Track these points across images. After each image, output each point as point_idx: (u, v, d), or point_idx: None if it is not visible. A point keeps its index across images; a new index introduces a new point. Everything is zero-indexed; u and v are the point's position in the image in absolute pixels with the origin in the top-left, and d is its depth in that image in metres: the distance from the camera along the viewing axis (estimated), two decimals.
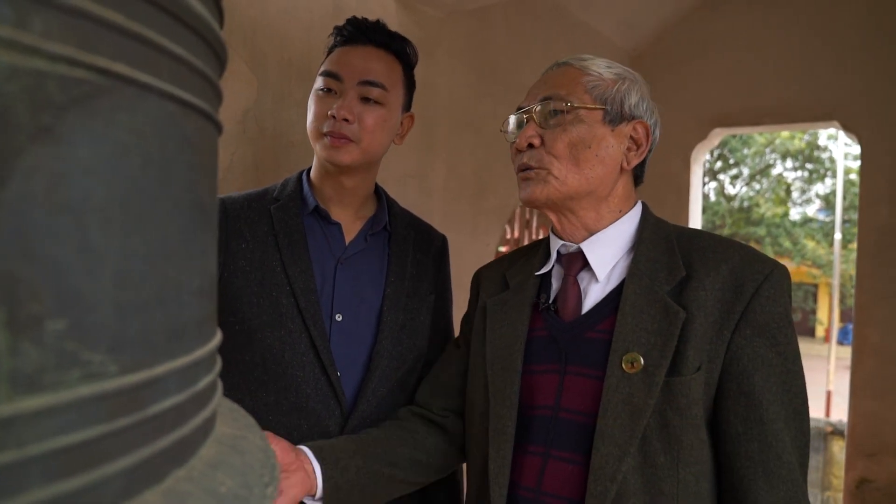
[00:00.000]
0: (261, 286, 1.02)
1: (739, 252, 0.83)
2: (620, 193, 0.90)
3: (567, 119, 0.85)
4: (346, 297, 1.06)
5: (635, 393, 0.77)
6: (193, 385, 0.30)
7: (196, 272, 0.30)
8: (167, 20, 0.27)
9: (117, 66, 0.24)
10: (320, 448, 0.88)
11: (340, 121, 1.01)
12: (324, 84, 1.04)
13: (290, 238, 1.04)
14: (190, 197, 0.29)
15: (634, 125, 0.87)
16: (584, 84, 0.86)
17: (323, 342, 1.02)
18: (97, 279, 0.23)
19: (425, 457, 0.97)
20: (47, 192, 0.21)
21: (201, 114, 0.31)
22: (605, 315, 0.85)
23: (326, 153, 1.03)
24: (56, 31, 0.21)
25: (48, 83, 0.21)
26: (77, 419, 0.22)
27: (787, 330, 0.79)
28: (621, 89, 0.86)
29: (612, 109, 0.85)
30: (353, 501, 0.89)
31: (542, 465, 0.83)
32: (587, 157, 0.85)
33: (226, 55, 0.35)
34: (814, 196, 16.35)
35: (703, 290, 0.80)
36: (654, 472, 0.77)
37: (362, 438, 0.94)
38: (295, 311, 1.01)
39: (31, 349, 0.21)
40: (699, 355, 0.78)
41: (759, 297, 0.78)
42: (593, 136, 0.85)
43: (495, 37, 2.42)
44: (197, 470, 0.29)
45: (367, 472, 0.90)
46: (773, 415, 0.76)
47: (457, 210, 2.36)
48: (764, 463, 0.75)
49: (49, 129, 0.21)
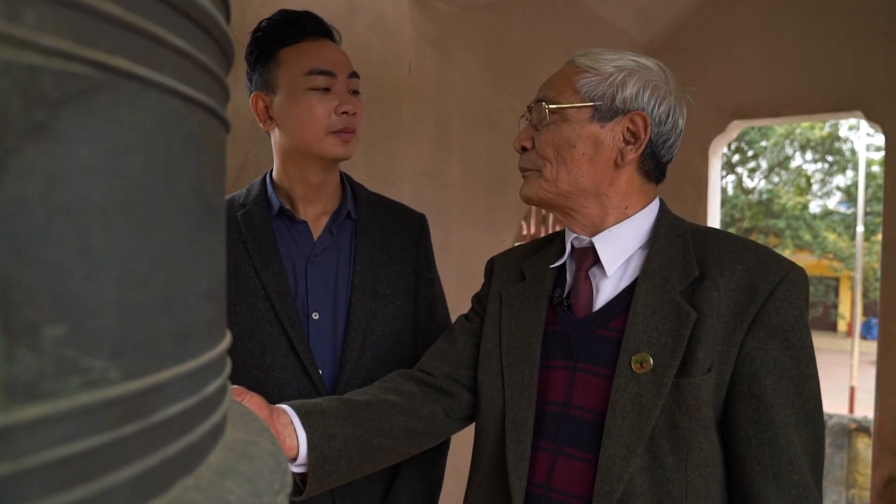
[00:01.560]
0: (236, 294, 1.03)
1: (755, 252, 0.82)
2: (623, 189, 0.88)
3: (553, 120, 0.85)
4: (319, 294, 1.07)
5: (644, 393, 0.77)
6: (202, 390, 0.29)
7: (204, 273, 0.29)
8: (169, 13, 0.26)
9: (117, 61, 0.23)
10: (306, 412, 0.81)
11: (351, 115, 1.03)
12: (323, 83, 1.03)
13: (259, 243, 1.05)
14: (197, 196, 0.28)
15: (631, 117, 0.85)
16: (575, 83, 0.85)
17: (301, 342, 1.03)
18: (98, 283, 0.22)
19: (421, 425, 0.92)
20: (43, 193, 0.20)
21: (207, 110, 0.30)
22: (616, 313, 0.85)
23: (340, 150, 1.04)
24: (50, 24, 0.20)
25: (42, 78, 0.20)
26: (78, 428, 0.21)
27: (801, 333, 0.77)
28: (615, 82, 0.84)
29: (603, 105, 0.84)
30: (336, 474, 0.83)
31: (553, 462, 0.83)
32: (573, 157, 0.85)
33: (232, 50, 0.34)
34: (834, 188, 16.06)
35: (716, 291, 0.79)
36: (662, 473, 0.77)
37: (353, 402, 0.87)
38: (272, 315, 1.02)
39: (28, 356, 0.20)
40: (710, 356, 0.77)
41: (773, 299, 0.77)
42: (578, 135, 0.84)
43: (510, 31, 2.40)
44: (205, 478, 0.28)
45: (356, 442, 0.84)
46: (784, 418, 0.75)
47: (472, 206, 2.34)
48: (774, 467, 0.75)
49: (44, 127, 0.20)
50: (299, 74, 1.03)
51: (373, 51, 1.82)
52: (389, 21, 1.87)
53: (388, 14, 1.86)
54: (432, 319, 1.17)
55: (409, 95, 1.99)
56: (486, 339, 0.96)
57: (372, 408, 0.87)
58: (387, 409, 0.89)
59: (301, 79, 1.03)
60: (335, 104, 1.03)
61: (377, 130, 1.89)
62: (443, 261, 2.29)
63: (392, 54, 1.90)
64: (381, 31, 1.84)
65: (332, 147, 1.04)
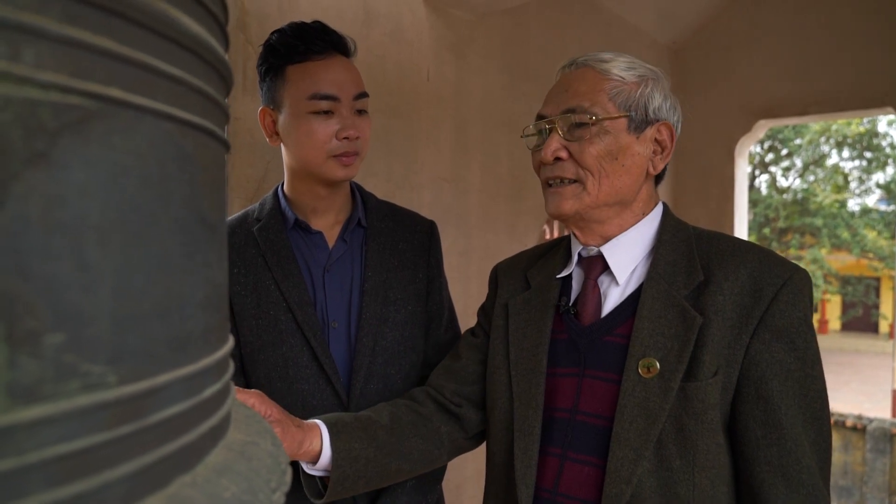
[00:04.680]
0: (258, 307, 1.05)
1: (759, 256, 0.82)
2: (644, 197, 0.90)
3: (593, 132, 0.84)
4: (337, 302, 1.08)
5: (651, 397, 0.78)
6: (199, 393, 0.31)
7: (200, 284, 0.31)
8: (162, 42, 0.28)
9: (111, 91, 0.25)
10: (337, 431, 0.89)
11: (353, 140, 1.03)
12: (325, 107, 1.02)
13: (277, 256, 1.07)
14: (192, 212, 0.30)
15: (658, 127, 0.86)
16: (607, 91, 0.84)
17: (324, 352, 1.04)
18: (95, 294, 0.24)
19: (437, 448, 0.98)
20: (43, 214, 0.22)
21: (203, 131, 0.32)
22: (623, 319, 0.85)
23: (340, 173, 1.05)
24: (48, 61, 0.22)
25: (41, 110, 0.22)
26: (77, 428, 0.23)
27: (806, 335, 0.78)
28: (644, 93, 0.85)
29: (637, 116, 0.84)
30: (354, 489, 0.91)
31: (560, 467, 0.84)
32: (615, 169, 0.84)
33: (230, 73, 0.36)
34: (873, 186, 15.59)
35: (721, 295, 0.80)
36: (670, 475, 0.78)
37: (377, 426, 0.93)
38: (294, 326, 1.04)
39: (30, 362, 0.22)
40: (716, 360, 0.78)
41: (777, 302, 0.78)
42: (619, 146, 0.84)
43: (529, 35, 2.41)
44: (202, 476, 0.30)
45: (376, 464, 0.91)
46: (791, 419, 0.76)
47: (494, 211, 2.35)
48: (783, 468, 0.75)
49: (43, 155, 0.22)
50: (302, 97, 1.02)
51: (391, 59, 1.85)
52: (407, 29, 1.90)
53: (406, 22, 1.88)
54: (441, 324, 1.18)
55: (427, 102, 2.01)
56: (493, 354, 0.97)
57: (393, 432, 0.94)
58: (406, 432, 0.95)
59: (304, 101, 1.02)
60: (337, 128, 1.02)
61: (396, 138, 1.92)
62: (464, 266, 2.31)
63: (410, 62, 1.92)
64: (398, 39, 1.87)
65: (332, 170, 1.04)
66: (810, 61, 2.70)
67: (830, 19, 2.67)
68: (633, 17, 2.84)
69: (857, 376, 13.08)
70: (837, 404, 8.99)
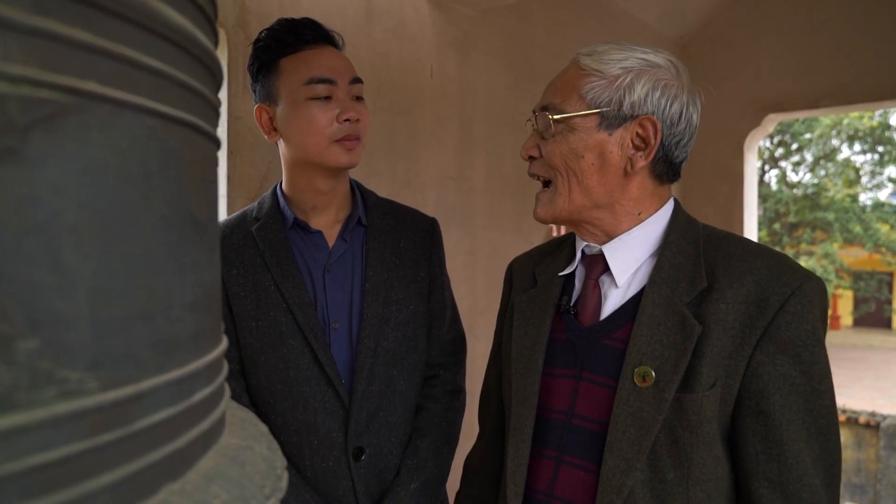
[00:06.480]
0: (257, 309, 1.04)
1: (768, 262, 0.77)
2: (635, 196, 0.84)
3: (558, 129, 0.82)
4: (338, 303, 1.07)
5: (645, 407, 0.76)
6: (188, 398, 0.30)
7: (188, 285, 0.30)
8: (142, 35, 0.27)
9: (87, 84, 0.24)
10: None
11: (354, 122, 1.03)
12: (323, 91, 1.02)
13: (277, 256, 1.05)
14: (178, 210, 0.29)
15: (640, 122, 0.80)
16: (580, 88, 0.81)
17: (325, 354, 1.03)
18: (71, 298, 0.23)
19: None
20: (13, 214, 0.21)
21: (190, 127, 0.31)
22: (622, 323, 0.83)
23: (344, 158, 1.04)
24: (16, 53, 0.21)
25: (9, 105, 0.21)
26: (54, 436, 0.22)
27: (814, 348, 0.74)
28: (622, 86, 0.80)
29: (610, 112, 0.80)
30: None
31: (555, 470, 0.83)
32: (582, 168, 0.81)
33: (219, 67, 0.35)
34: (886, 180, 15.41)
35: (723, 303, 0.76)
36: (664, 487, 0.75)
37: None
38: (294, 328, 1.02)
39: (2, 369, 0.21)
40: (714, 371, 0.75)
41: (784, 313, 0.73)
42: (586, 145, 0.81)
43: (533, 32, 2.39)
44: (191, 483, 0.29)
45: None
46: (793, 435, 0.73)
47: (499, 210, 2.34)
48: (783, 485, 0.73)
49: (13, 151, 0.21)
50: (299, 84, 1.02)
51: (394, 56, 1.84)
52: (410, 26, 1.89)
53: (409, 19, 1.87)
54: (444, 324, 1.17)
55: (431, 100, 2.00)
56: (504, 355, 0.96)
57: None
58: None
59: (301, 88, 1.02)
60: (337, 112, 1.02)
61: (400, 136, 1.90)
62: (470, 264, 2.29)
63: (413, 59, 1.91)
64: (401, 36, 1.86)
65: (336, 156, 1.03)
66: (820, 53, 2.67)
67: (840, 10, 2.63)
68: (639, 12, 2.81)
69: (869, 372, 12.94)
70: (850, 401, 8.89)
